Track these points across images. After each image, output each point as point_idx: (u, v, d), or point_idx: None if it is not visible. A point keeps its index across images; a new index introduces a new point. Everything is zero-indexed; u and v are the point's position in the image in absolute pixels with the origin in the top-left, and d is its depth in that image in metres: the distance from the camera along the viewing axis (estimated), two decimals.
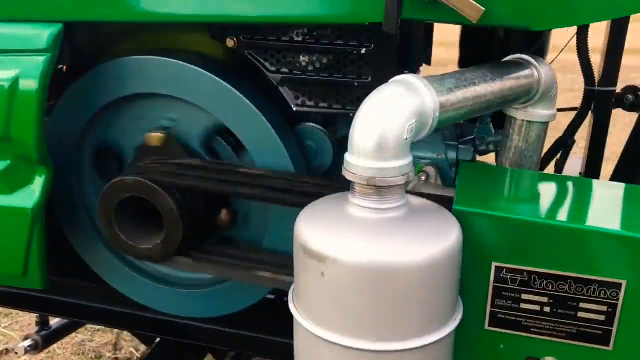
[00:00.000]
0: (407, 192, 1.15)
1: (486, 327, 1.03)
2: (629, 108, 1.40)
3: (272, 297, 1.45)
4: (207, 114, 1.24)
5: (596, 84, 1.33)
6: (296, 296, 0.94)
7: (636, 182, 1.33)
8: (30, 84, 1.12)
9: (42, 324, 2.05)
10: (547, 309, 1.00)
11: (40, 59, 1.11)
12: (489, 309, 1.02)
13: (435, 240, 0.85)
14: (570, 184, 1.13)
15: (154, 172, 1.22)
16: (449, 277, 0.87)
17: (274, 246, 1.29)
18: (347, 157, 0.87)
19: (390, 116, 0.84)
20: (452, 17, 0.94)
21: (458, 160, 1.34)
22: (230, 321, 1.44)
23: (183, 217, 1.22)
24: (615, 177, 1.34)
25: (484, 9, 0.91)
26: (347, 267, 0.82)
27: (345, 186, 1.05)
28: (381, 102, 0.86)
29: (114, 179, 1.23)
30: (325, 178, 1.32)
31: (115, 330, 2.77)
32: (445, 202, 1.02)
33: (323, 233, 0.86)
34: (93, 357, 2.64)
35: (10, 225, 1.23)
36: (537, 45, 1.27)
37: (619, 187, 1.13)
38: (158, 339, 1.87)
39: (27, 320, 2.82)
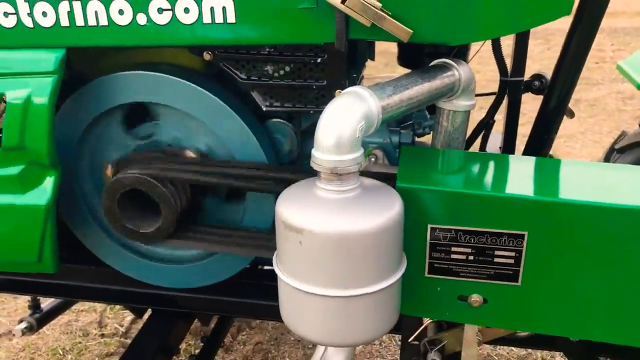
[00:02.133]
0: (361, 172, 1.42)
1: (426, 274, 1.29)
2: (536, 92, 1.69)
3: (247, 266, 1.70)
4: None
5: (509, 75, 1.62)
6: (279, 260, 1.19)
7: (542, 154, 1.64)
8: (41, 101, 1.30)
9: (34, 307, 2.21)
10: (471, 257, 1.25)
11: (49, 80, 1.29)
12: (427, 260, 1.28)
13: (382, 212, 1.10)
14: (485, 159, 1.38)
15: (148, 168, 1.45)
16: (393, 239, 1.13)
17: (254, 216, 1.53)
18: (314, 152, 1.10)
19: (344, 121, 1.08)
20: (388, 37, 1.18)
21: (400, 142, 1.62)
22: (213, 289, 1.66)
23: (177, 204, 1.46)
24: (527, 150, 1.64)
25: (412, 30, 1.17)
26: (318, 236, 1.06)
27: (304, 174, 1.30)
28: (337, 110, 1.10)
29: (114, 177, 1.45)
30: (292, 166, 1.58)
31: (99, 309, 2.95)
32: (390, 179, 1.30)
33: (299, 211, 1.10)
34: (81, 335, 2.77)
35: (27, 221, 1.41)
36: (457, 47, 1.53)
37: (529, 160, 1.41)
38: (150, 311, 2.10)
39: (13, 306, 2.93)
